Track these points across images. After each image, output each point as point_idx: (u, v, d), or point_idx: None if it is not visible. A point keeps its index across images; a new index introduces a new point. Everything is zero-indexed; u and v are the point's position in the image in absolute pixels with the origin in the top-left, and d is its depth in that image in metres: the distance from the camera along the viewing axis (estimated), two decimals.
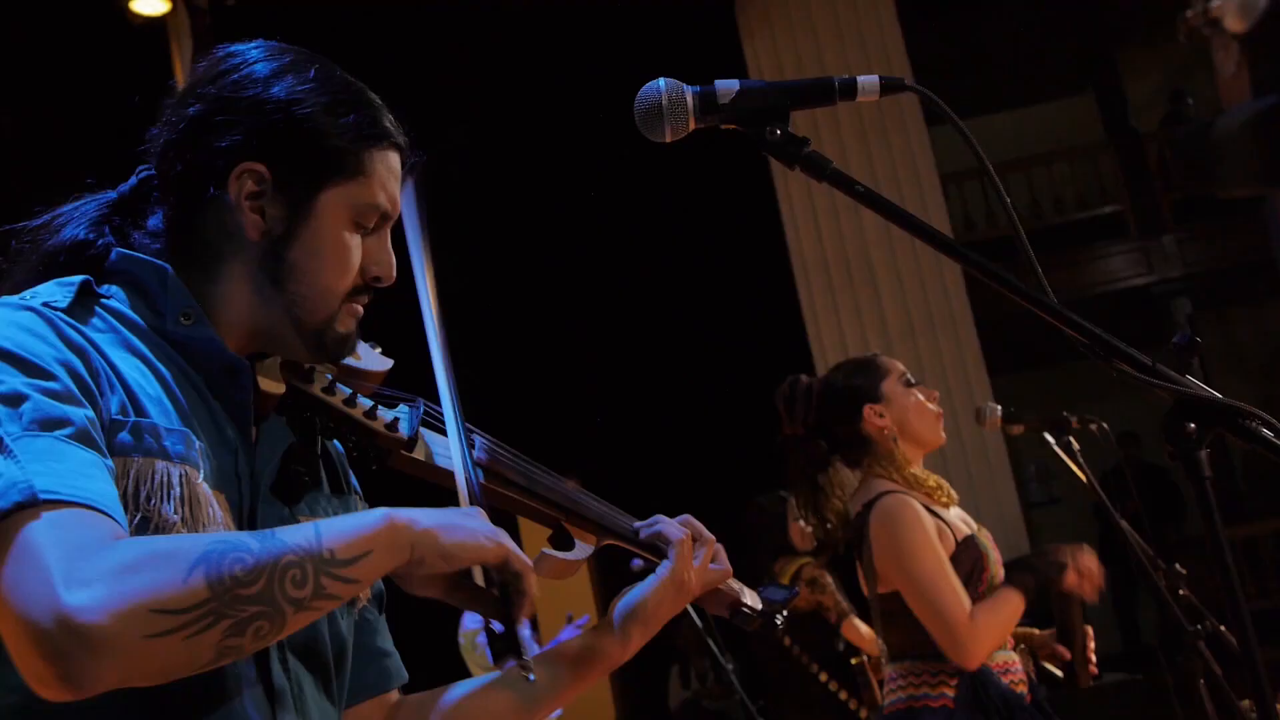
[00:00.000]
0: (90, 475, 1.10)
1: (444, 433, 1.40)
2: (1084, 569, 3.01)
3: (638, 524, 1.59)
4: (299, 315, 1.33)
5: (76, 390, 1.15)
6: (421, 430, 1.40)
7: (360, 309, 1.38)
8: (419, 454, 1.39)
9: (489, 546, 1.23)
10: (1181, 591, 3.16)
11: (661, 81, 1.27)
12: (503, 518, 1.32)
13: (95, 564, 1.03)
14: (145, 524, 1.16)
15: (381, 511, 1.19)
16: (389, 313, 1.52)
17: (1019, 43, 11.50)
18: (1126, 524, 3.11)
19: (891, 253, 8.50)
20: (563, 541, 1.52)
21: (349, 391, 1.38)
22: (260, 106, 1.31)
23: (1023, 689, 2.99)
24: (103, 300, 1.30)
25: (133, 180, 1.41)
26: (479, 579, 1.29)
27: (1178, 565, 3.25)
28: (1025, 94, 12.15)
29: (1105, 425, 3.41)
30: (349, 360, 1.40)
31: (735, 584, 1.68)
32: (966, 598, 2.92)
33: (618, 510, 1.59)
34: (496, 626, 1.30)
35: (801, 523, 5.57)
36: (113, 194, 1.42)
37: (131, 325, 1.29)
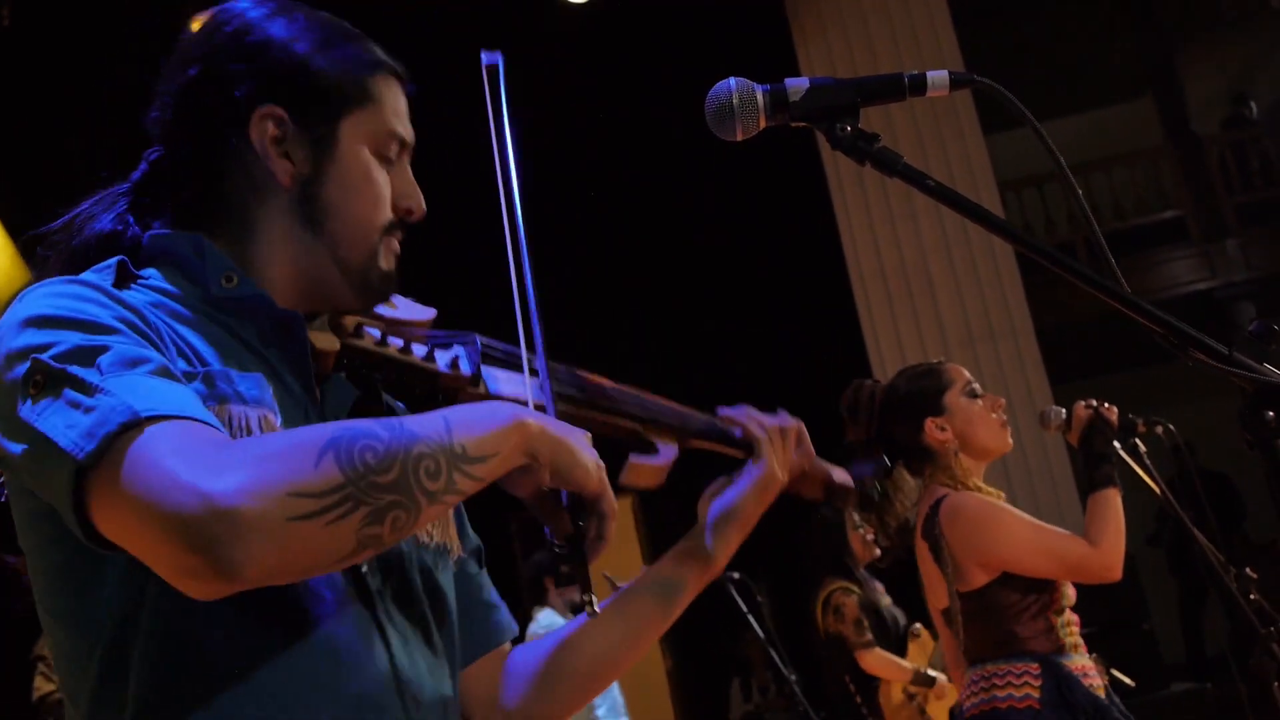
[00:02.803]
0: (184, 396, 1.09)
1: (503, 365, 1.38)
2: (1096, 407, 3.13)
3: (717, 422, 1.57)
4: (342, 255, 1.30)
5: (143, 340, 1.14)
6: (483, 367, 1.37)
7: (397, 246, 1.36)
8: (484, 389, 1.36)
9: (594, 476, 1.23)
10: (1253, 596, 3.12)
11: (732, 80, 1.28)
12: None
13: (224, 457, 1.02)
14: None
15: (510, 410, 1.18)
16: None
17: (1076, 46, 11.38)
18: (1197, 530, 3.08)
19: (949, 261, 8.43)
20: (645, 449, 1.50)
21: (401, 342, 1.35)
22: (263, 50, 1.29)
23: (1100, 694, 2.96)
24: (142, 281, 1.26)
25: (143, 165, 1.37)
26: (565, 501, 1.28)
27: (1248, 570, 3.21)
28: (1083, 98, 12.01)
29: (1172, 427, 3.36)
30: (391, 312, 1.37)
31: (822, 463, 1.67)
32: (1068, 533, 2.96)
33: (694, 411, 1.56)
34: (562, 551, 1.28)
35: (861, 531, 5.58)
36: (125, 185, 1.38)
37: (176, 299, 1.26)
